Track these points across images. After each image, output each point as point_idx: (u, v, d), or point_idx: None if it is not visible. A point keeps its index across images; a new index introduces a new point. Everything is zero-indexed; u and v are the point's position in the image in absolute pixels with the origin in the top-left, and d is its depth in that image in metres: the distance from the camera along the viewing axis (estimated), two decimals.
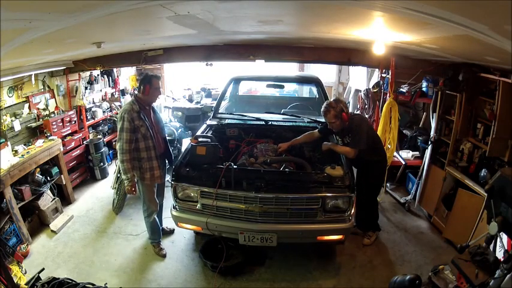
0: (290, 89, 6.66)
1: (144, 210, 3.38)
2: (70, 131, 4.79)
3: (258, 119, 4.09)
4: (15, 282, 2.67)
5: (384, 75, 4.51)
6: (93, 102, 5.48)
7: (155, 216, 3.41)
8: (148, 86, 3.10)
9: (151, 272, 3.26)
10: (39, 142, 4.02)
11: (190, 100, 7.09)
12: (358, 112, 5.25)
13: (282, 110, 4.50)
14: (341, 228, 2.94)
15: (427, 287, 2.68)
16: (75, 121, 4.88)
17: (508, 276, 1.80)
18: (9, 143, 3.67)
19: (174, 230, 3.80)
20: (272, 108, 4.80)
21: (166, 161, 3.53)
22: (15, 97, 4.03)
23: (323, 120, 4.12)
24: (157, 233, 3.52)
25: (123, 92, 6.41)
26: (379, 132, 4.14)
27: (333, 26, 2.61)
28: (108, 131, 5.78)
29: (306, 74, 7.04)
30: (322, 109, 3.24)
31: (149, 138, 3.11)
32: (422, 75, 4.14)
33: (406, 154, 4.56)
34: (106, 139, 5.48)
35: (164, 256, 3.47)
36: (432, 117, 4.17)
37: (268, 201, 2.85)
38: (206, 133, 3.76)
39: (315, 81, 4.88)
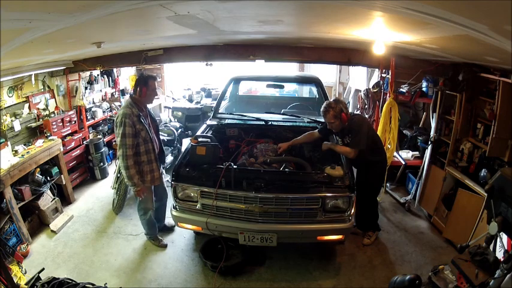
0: (290, 89, 6.66)
1: (140, 208, 3.40)
2: (70, 131, 4.79)
3: (258, 119, 4.09)
4: (15, 282, 2.67)
5: (383, 75, 4.51)
6: (93, 102, 5.47)
7: (150, 214, 3.45)
8: (145, 88, 3.06)
9: (151, 271, 3.26)
10: (39, 142, 4.02)
11: (190, 100, 7.09)
12: (358, 112, 5.24)
13: (282, 110, 4.50)
14: (341, 228, 2.94)
15: (427, 287, 2.67)
16: (75, 121, 4.88)
17: (508, 276, 1.80)
18: (9, 143, 3.68)
19: (174, 226, 3.80)
20: (272, 108, 4.81)
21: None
22: (15, 97, 4.03)
23: (323, 120, 4.13)
24: (153, 227, 3.59)
25: (123, 92, 6.41)
26: (379, 132, 4.14)
27: (333, 26, 2.61)
28: (108, 131, 5.77)
29: (306, 74, 7.05)
30: (321, 109, 3.23)
31: (149, 142, 3.11)
32: (422, 75, 4.14)
33: (406, 154, 4.56)
34: (106, 139, 5.48)
35: (165, 246, 3.57)
36: (432, 117, 4.17)
37: (268, 201, 2.85)
38: (206, 133, 3.76)
39: (315, 81, 4.88)
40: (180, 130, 5.62)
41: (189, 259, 3.43)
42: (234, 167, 2.98)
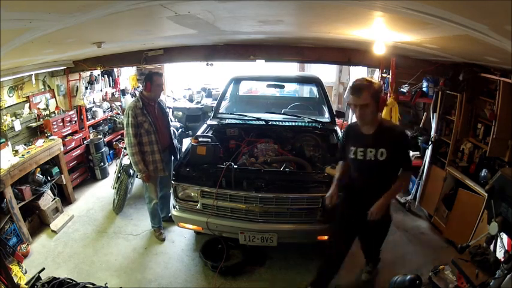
0: (290, 89, 6.65)
1: (146, 196, 3.61)
2: (70, 131, 4.79)
3: (259, 119, 4.09)
4: (16, 282, 2.67)
5: (384, 75, 4.51)
6: (94, 102, 5.48)
7: (154, 203, 3.59)
8: (149, 82, 3.30)
9: (152, 271, 3.26)
10: (40, 142, 4.02)
11: (191, 100, 7.10)
12: None
13: (283, 110, 4.50)
14: None
15: (428, 287, 2.67)
16: (75, 121, 4.88)
17: (508, 276, 1.80)
18: (9, 142, 3.68)
19: None
20: (272, 108, 4.80)
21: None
22: (15, 97, 4.04)
23: (323, 120, 4.13)
24: (157, 218, 3.72)
25: (123, 92, 6.41)
26: None
27: (333, 26, 2.61)
28: (109, 131, 5.77)
29: (307, 74, 7.04)
30: (353, 86, 2.23)
31: (152, 133, 3.31)
32: (423, 75, 4.14)
33: None
34: (106, 139, 5.48)
35: (163, 240, 3.68)
36: (432, 117, 4.17)
37: (268, 201, 2.85)
38: (206, 133, 3.76)
39: (315, 81, 4.88)
40: (180, 130, 5.62)
41: (190, 259, 3.43)
42: (235, 166, 2.98)
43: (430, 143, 4.13)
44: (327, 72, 7.39)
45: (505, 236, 2.19)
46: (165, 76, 7.61)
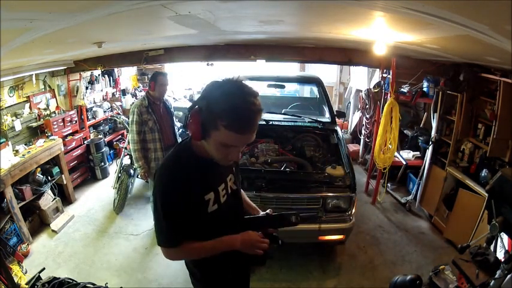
0: (291, 89, 6.65)
1: (150, 195, 3.70)
2: (71, 131, 4.79)
3: None
4: (16, 282, 2.68)
5: (384, 75, 4.51)
6: (94, 102, 5.48)
7: None
8: (154, 82, 3.44)
9: (152, 271, 3.26)
10: (40, 142, 4.02)
11: (191, 100, 7.10)
12: (359, 112, 5.18)
13: (283, 110, 4.50)
14: (342, 228, 2.94)
15: (428, 287, 2.67)
16: (76, 121, 4.88)
17: (509, 276, 1.80)
18: (10, 142, 3.68)
19: None
20: (273, 108, 4.80)
21: None
22: (16, 97, 4.04)
23: (324, 120, 4.14)
24: None
25: (124, 92, 6.42)
26: (379, 133, 4.14)
27: (334, 26, 2.60)
28: (109, 130, 5.78)
29: (307, 74, 7.03)
30: (246, 116, 1.22)
31: (156, 132, 3.42)
32: (423, 75, 4.14)
33: (407, 154, 4.55)
34: (107, 139, 5.48)
35: None
36: (433, 118, 4.16)
37: (268, 201, 2.84)
38: None
39: (315, 81, 4.88)
40: (180, 130, 5.62)
41: None
42: None
43: (430, 143, 4.13)
44: (327, 72, 7.39)
45: (505, 236, 2.19)
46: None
